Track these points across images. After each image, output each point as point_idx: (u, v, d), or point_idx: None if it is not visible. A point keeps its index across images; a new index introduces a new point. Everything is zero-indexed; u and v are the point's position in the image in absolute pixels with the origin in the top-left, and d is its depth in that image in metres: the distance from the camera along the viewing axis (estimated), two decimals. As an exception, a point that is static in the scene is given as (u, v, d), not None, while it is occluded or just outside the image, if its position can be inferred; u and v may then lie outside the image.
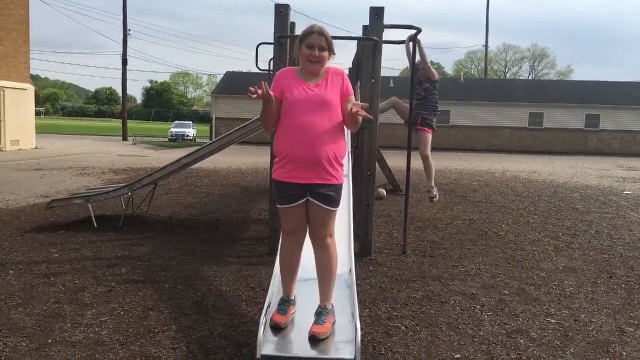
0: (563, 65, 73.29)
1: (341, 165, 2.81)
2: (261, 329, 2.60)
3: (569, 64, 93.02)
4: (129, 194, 6.23)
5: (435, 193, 6.66)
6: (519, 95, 31.19)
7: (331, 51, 2.81)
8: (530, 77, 63.14)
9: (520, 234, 6.33)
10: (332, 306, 2.86)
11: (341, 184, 2.82)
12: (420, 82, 6.44)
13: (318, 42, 2.75)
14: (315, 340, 2.66)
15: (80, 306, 3.50)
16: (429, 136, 6.49)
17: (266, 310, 2.81)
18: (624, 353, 3.06)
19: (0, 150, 17.80)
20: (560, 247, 5.73)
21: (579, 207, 8.63)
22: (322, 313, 2.80)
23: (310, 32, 2.76)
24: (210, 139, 29.77)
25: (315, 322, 2.76)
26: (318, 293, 2.89)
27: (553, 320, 3.53)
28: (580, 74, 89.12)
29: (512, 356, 2.97)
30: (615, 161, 22.77)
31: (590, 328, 3.42)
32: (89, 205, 6.08)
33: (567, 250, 5.60)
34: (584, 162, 21.30)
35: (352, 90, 2.87)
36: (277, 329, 2.72)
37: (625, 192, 10.96)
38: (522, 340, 3.18)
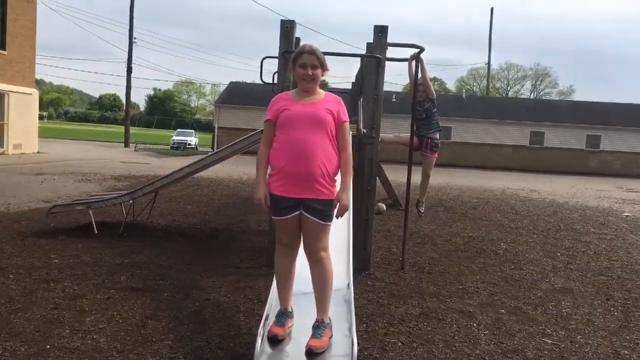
0: (565, 85, 73.76)
1: (334, 181, 2.88)
2: (259, 340, 2.61)
3: (571, 84, 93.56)
4: (130, 201, 6.26)
5: (423, 209, 7.00)
6: (520, 114, 31.33)
7: (324, 68, 2.93)
8: (532, 96, 63.41)
9: (519, 253, 6.35)
10: (330, 320, 2.88)
11: (332, 200, 2.86)
12: (420, 102, 6.51)
13: (310, 61, 2.86)
14: (312, 354, 2.68)
15: (79, 313, 3.52)
16: (434, 160, 6.73)
17: (264, 322, 2.83)
18: (619, 376, 3.07)
19: (3, 153, 17.88)
20: (558, 267, 5.75)
21: (578, 228, 8.65)
22: (319, 327, 2.82)
23: (301, 52, 2.88)
24: (213, 148, 29.88)
25: (313, 336, 2.78)
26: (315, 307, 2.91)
27: (549, 341, 3.54)
28: (582, 94, 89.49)
29: (508, 376, 2.98)
30: (615, 182, 22.80)
31: (586, 350, 3.43)
32: (90, 211, 6.11)
33: (565, 270, 5.61)
34: (585, 183, 21.34)
35: (347, 118, 2.95)
36: (274, 341, 2.74)
37: (624, 214, 10.98)
38: (517, 360, 3.19)
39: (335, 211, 2.86)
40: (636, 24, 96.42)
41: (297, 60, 2.87)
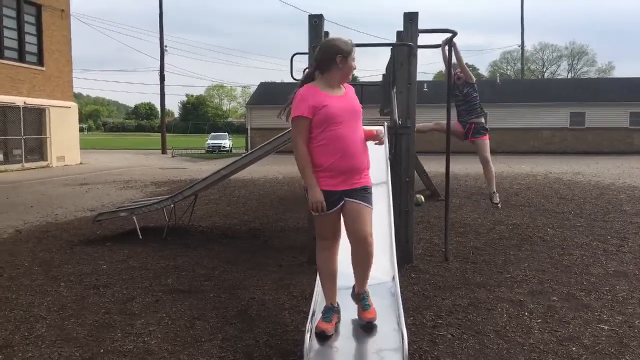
0: (603, 62, 70.85)
1: (369, 168, 2.99)
2: (307, 337, 2.60)
3: (609, 61, 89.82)
4: (171, 205, 6.38)
5: (497, 200, 6.67)
6: (558, 95, 30.31)
7: None
8: (569, 76, 61.32)
9: (567, 238, 6.13)
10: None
11: (371, 186, 2.97)
12: (459, 87, 6.37)
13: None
14: (372, 325, 2.82)
15: (129, 316, 3.60)
16: (487, 141, 6.53)
17: (311, 318, 2.81)
18: (686, 361, 2.91)
19: (48, 166, 18.56)
20: (610, 250, 5.52)
21: (627, 209, 8.29)
22: (364, 297, 2.94)
23: (353, 47, 2.92)
24: (246, 149, 30.21)
25: (363, 308, 2.89)
26: (355, 283, 3.02)
27: (606, 327, 3.39)
28: (622, 71, 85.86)
29: (565, 365, 2.87)
30: (664, 160, 21.79)
31: (648, 335, 3.27)
32: (134, 217, 6.26)
33: (618, 254, 5.38)
34: (630, 162, 20.46)
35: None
36: (322, 337, 2.72)
37: (677, 192, 10.46)
38: (574, 348, 3.07)
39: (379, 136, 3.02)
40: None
41: (352, 54, 2.89)
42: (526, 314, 3.65)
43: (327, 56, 2.86)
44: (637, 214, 7.85)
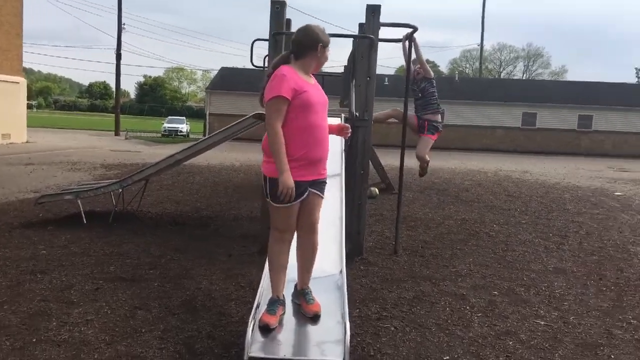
0: (557, 65, 73.51)
1: None
2: (249, 329, 2.57)
3: (563, 64, 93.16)
4: (120, 190, 6.18)
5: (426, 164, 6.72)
6: (513, 95, 31.28)
7: None
8: (524, 77, 63.30)
9: (512, 235, 6.34)
10: None
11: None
12: (417, 81, 6.42)
13: None
14: (317, 317, 2.85)
15: (66, 304, 3.46)
16: (432, 141, 6.54)
17: (255, 310, 2.78)
18: (612, 356, 3.06)
19: (-9, 143, 17.64)
20: (550, 248, 5.75)
21: (570, 208, 8.66)
22: (308, 293, 2.96)
23: (329, 38, 2.94)
24: (204, 134, 29.66)
25: (308, 302, 2.91)
26: (299, 279, 3.04)
27: (542, 322, 3.53)
28: (574, 75, 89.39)
29: (501, 358, 2.96)
30: (607, 162, 22.90)
31: (579, 330, 3.42)
32: (79, 201, 6.02)
33: (558, 251, 5.61)
34: (576, 163, 21.41)
35: None
36: (266, 329, 2.69)
37: (616, 194, 11.02)
38: (510, 342, 3.18)
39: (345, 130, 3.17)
40: (629, 3, 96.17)
41: (329, 45, 2.92)
42: (468, 307, 3.75)
43: (309, 43, 2.83)
44: (578, 213, 8.21)
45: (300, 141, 2.75)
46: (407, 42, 5.89)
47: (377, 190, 9.19)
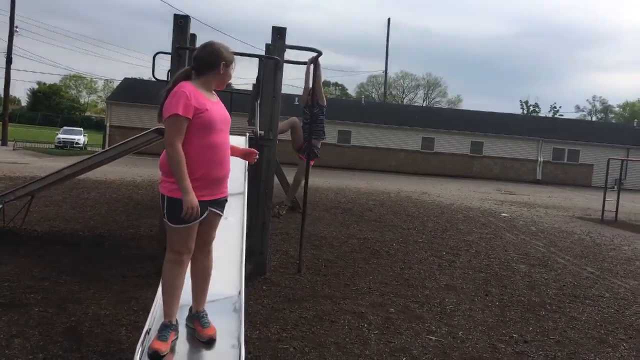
0: (453, 94, 79.03)
1: None
2: (137, 356, 2.43)
3: (458, 94, 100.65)
4: (1, 205, 5.62)
5: (283, 212, 6.87)
6: (413, 120, 33.10)
7: None
8: (424, 104, 67.33)
9: (409, 253, 6.64)
10: None
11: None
12: (309, 106, 6.57)
13: None
14: (213, 341, 2.75)
15: None
16: (308, 166, 6.65)
17: (144, 336, 2.64)
18: (494, 367, 3.28)
19: None
20: (443, 265, 6.09)
21: (462, 228, 9.26)
22: (203, 316, 2.86)
23: (233, 56, 2.90)
24: (103, 147, 28.02)
25: (203, 326, 2.81)
26: (194, 301, 2.93)
27: (434, 338, 3.71)
28: (468, 104, 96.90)
29: (395, 375, 3.06)
30: (495, 185, 24.88)
31: (467, 345, 3.64)
32: (-51, 217, 5.38)
33: (450, 268, 5.96)
34: (469, 186, 23.03)
35: None
36: (155, 357, 2.55)
37: (502, 215, 11.98)
38: (404, 359, 3.29)
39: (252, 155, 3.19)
40: (511, 42, 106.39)
41: (233, 62, 2.86)
42: (365, 325, 3.84)
43: (211, 59, 2.78)
44: (469, 232, 8.80)
45: (201, 160, 2.69)
46: (311, 66, 6.04)
47: (282, 209, 9.20)
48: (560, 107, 64.05)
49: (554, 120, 45.17)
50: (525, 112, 64.02)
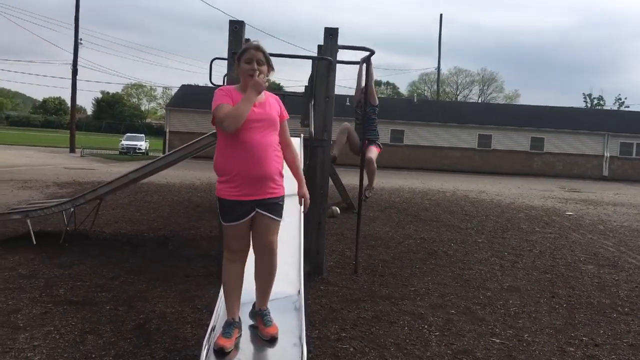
0: (511, 89, 76.39)
1: (282, 176, 2.91)
2: (204, 352, 2.50)
3: (516, 89, 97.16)
4: (72, 209, 5.96)
5: (369, 194, 6.70)
6: (469, 118, 32.24)
7: (270, 66, 2.87)
8: (480, 100, 65.49)
9: (469, 253, 6.47)
10: None
11: (283, 195, 2.90)
12: (361, 105, 6.50)
13: (256, 56, 2.79)
14: (274, 340, 2.76)
15: (12, 329, 3.29)
16: (376, 150, 6.51)
17: (210, 333, 2.71)
18: (564, 372, 3.14)
19: None
20: (505, 266, 5.89)
21: (524, 227, 8.93)
22: (266, 314, 2.87)
23: (247, 48, 2.83)
24: (164, 152, 29.11)
25: (265, 324, 2.83)
26: (257, 299, 2.94)
27: (498, 340, 3.59)
28: (527, 99, 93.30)
29: (458, 377, 2.99)
30: (558, 183, 23.83)
31: (533, 348, 3.50)
32: (28, 220, 5.77)
33: (512, 269, 5.76)
34: (529, 184, 22.17)
35: (287, 115, 3.01)
36: (220, 353, 2.62)
37: (567, 213, 11.45)
38: (467, 361, 3.21)
39: (302, 208, 3.06)
40: (569, 33, 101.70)
41: (243, 56, 2.81)
42: (426, 327, 3.78)
43: (237, 58, 2.84)
44: (532, 232, 8.48)
45: (235, 158, 2.73)
46: (364, 65, 6.00)
47: (338, 209, 9.23)
48: (625, 98, 60.10)
49: (620, 113, 42.70)
50: (588, 105, 60.85)
